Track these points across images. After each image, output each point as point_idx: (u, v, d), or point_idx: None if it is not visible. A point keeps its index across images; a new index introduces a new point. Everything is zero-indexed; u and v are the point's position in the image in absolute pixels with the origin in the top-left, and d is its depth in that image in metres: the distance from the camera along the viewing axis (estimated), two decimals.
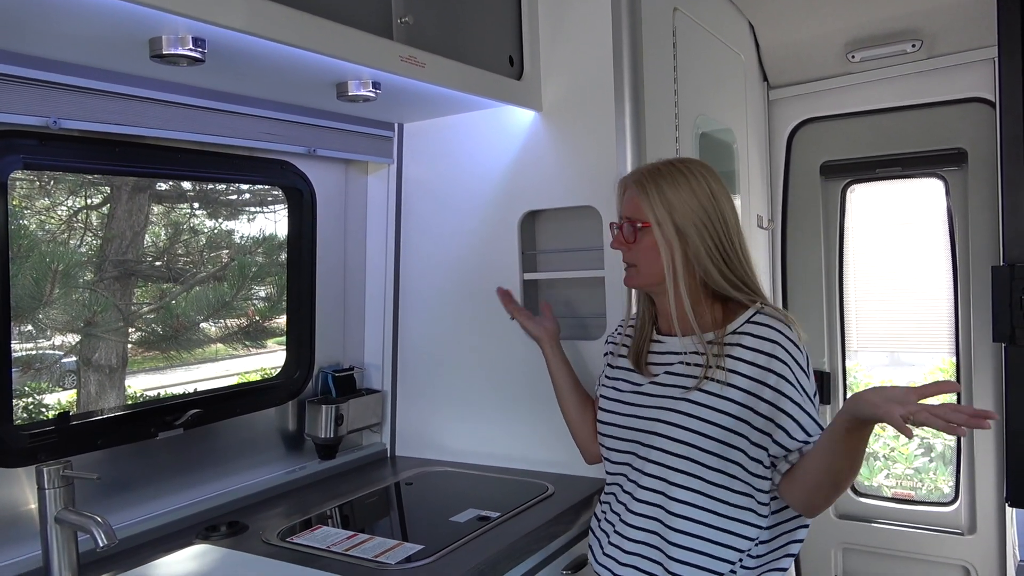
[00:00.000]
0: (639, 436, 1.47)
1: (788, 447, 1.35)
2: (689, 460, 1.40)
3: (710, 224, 1.43)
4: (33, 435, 1.54)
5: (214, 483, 1.91)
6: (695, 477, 1.40)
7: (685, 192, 1.43)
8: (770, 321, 1.41)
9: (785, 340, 1.38)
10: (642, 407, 1.48)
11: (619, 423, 1.52)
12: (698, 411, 1.39)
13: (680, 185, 1.44)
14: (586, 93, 1.99)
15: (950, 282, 2.67)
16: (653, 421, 1.45)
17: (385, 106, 1.99)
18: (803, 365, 1.38)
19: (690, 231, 1.42)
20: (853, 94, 2.77)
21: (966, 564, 2.63)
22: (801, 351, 1.39)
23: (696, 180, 1.45)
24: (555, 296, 2.18)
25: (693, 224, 1.43)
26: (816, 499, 1.33)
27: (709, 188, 1.45)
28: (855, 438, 1.20)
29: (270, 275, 2.94)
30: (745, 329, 1.41)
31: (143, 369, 2.85)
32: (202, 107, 1.72)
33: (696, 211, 1.43)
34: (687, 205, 1.43)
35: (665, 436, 1.42)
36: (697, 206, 1.43)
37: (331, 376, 2.21)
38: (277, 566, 1.52)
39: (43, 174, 2.45)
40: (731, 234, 1.45)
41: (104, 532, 1.36)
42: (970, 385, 2.60)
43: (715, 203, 1.44)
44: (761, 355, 1.37)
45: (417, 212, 2.30)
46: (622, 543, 1.47)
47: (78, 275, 2.46)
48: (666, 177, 1.45)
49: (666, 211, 1.43)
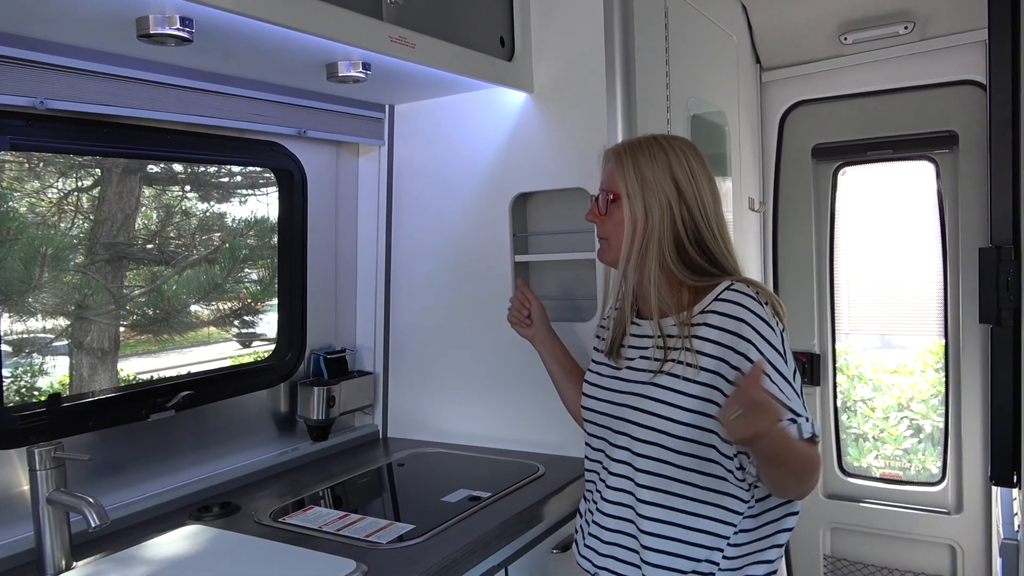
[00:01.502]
0: (609, 422, 1.44)
1: None
2: (656, 446, 1.34)
3: (683, 204, 1.37)
4: (24, 417, 1.55)
5: (206, 464, 1.92)
6: (663, 463, 1.33)
7: (660, 167, 1.38)
8: (736, 296, 1.33)
9: (750, 314, 1.30)
10: (615, 392, 1.45)
11: (595, 408, 1.49)
12: (664, 395, 1.34)
13: (657, 160, 1.39)
14: (577, 75, 1.99)
15: (940, 265, 2.69)
16: (622, 407, 1.41)
17: (375, 87, 1.98)
18: (771, 340, 1.29)
19: (655, 209, 1.37)
20: (845, 76, 2.77)
21: (952, 543, 2.67)
22: (771, 326, 1.30)
23: (676, 156, 1.40)
24: (546, 278, 2.19)
25: (662, 202, 1.37)
26: (784, 489, 1.28)
27: (688, 166, 1.39)
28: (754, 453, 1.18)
29: (262, 258, 2.93)
30: (712, 307, 1.34)
31: (136, 352, 2.84)
32: (191, 88, 1.71)
33: (668, 189, 1.37)
34: (659, 181, 1.37)
35: (630, 421, 1.38)
36: (670, 184, 1.38)
37: (323, 358, 2.22)
38: (269, 546, 1.53)
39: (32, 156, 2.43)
40: (708, 217, 1.39)
41: (96, 513, 1.37)
42: (958, 366, 2.63)
43: (693, 182, 1.39)
44: (726, 333, 1.30)
45: (408, 194, 2.29)
46: (600, 533, 1.42)
47: (68, 258, 2.45)
48: (644, 151, 1.40)
49: (638, 185, 1.38)
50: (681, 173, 1.39)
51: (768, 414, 1.11)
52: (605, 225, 1.45)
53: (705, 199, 1.39)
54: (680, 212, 1.37)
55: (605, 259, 1.49)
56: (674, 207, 1.37)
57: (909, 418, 3.01)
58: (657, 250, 1.37)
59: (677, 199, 1.37)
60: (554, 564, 1.76)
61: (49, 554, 1.44)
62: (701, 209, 1.38)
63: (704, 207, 1.39)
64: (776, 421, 1.11)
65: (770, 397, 1.14)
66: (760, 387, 1.14)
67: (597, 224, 1.48)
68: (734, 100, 2.67)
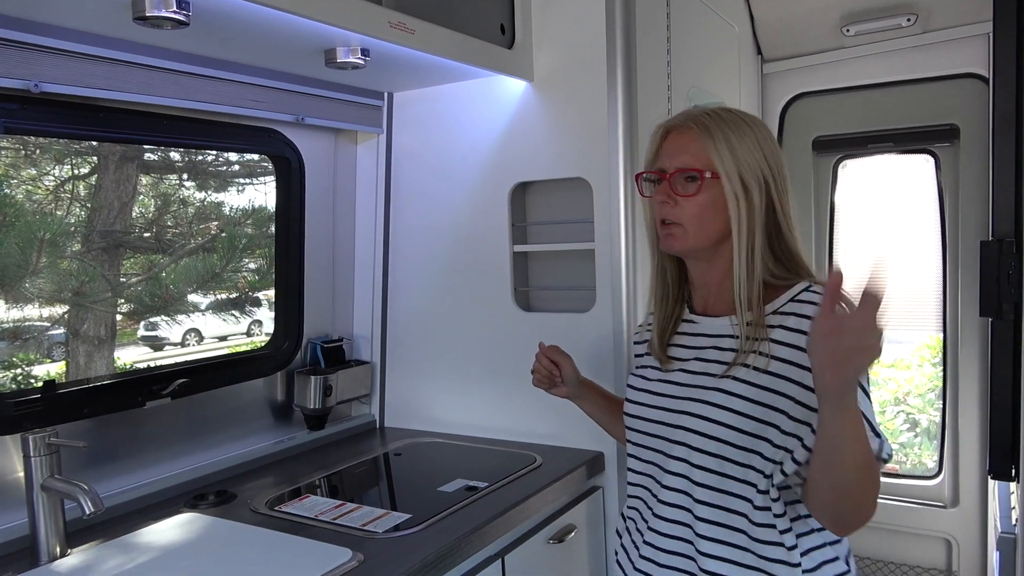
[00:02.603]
0: (665, 431, 1.28)
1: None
2: (715, 457, 1.20)
3: (773, 185, 1.24)
4: (18, 403, 1.54)
5: (202, 453, 1.91)
6: (721, 475, 1.20)
7: (751, 143, 1.23)
8: (818, 300, 1.18)
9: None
10: (670, 398, 1.30)
11: (647, 416, 1.33)
12: (729, 401, 1.20)
13: (746, 135, 1.24)
14: (578, 63, 1.97)
15: (939, 259, 2.68)
16: (680, 414, 1.26)
17: (374, 74, 1.96)
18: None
19: (755, 191, 1.22)
20: (847, 69, 2.76)
21: (948, 537, 2.67)
22: None
23: (760, 132, 1.25)
24: (545, 268, 2.18)
25: (758, 182, 1.23)
26: (834, 502, 1.11)
27: (773, 144, 1.26)
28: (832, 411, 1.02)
29: (260, 247, 2.92)
30: (789, 308, 1.21)
31: (133, 341, 2.84)
32: (187, 72, 1.70)
33: (762, 167, 1.23)
34: (753, 158, 1.23)
35: (690, 430, 1.23)
36: (762, 162, 1.23)
37: (320, 347, 2.21)
38: (265, 534, 1.52)
39: (28, 143, 2.41)
40: (788, 200, 1.26)
41: (90, 500, 1.36)
42: (956, 361, 2.62)
43: (778, 162, 1.25)
44: (804, 337, 1.15)
45: (407, 182, 2.28)
46: (655, 555, 1.28)
47: (65, 245, 2.44)
48: (730, 124, 1.24)
49: (734, 162, 1.22)
50: (769, 150, 1.25)
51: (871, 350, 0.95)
52: (682, 208, 1.25)
53: (788, 181, 1.27)
54: (769, 194, 1.24)
55: (675, 246, 1.28)
56: (763, 189, 1.23)
57: (905, 412, 3.02)
58: (752, 238, 1.23)
59: (768, 179, 1.24)
60: (550, 555, 1.76)
61: (44, 541, 1.43)
62: (783, 192, 1.25)
63: (786, 190, 1.26)
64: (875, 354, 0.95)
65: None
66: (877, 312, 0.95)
67: (667, 208, 1.27)
68: (735, 91, 2.66)
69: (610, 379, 1.94)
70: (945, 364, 2.69)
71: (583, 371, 2.00)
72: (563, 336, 2.00)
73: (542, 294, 2.19)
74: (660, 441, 1.30)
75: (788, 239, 1.25)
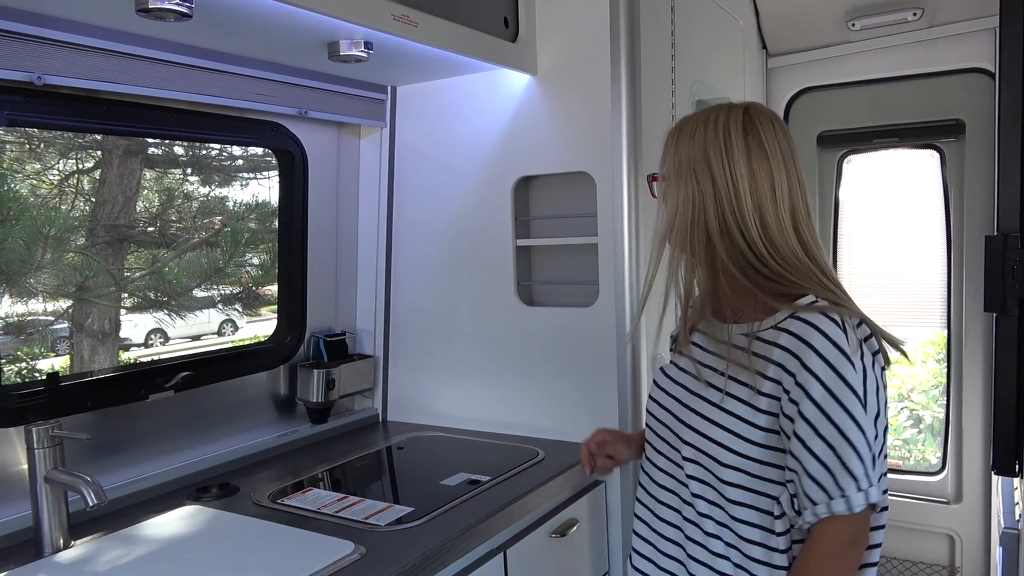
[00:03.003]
0: (674, 429, 1.27)
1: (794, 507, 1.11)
2: (706, 469, 1.19)
3: (713, 187, 1.16)
4: (22, 395, 1.54)
5: (205, 446, 1.92)
6: (719, 496, 1.18)
7: (697, 140, 1.18)
8: (815, 318, 1.10)
9: (824, 341, 1.08)
10: (674, 399, 1.29)
11: (655, 412, 1.33)
12: (728, 421, 1.16)
13: (695, 135, 1.18)
14: (582, 57, 1.97)
15: (944, 255, 2.67)
16: (690, 413, 1.24)
17: (377, 67, 1.96)
18: (846, 377, 1.06)
19: (683, 192, 1.18)
20: (852, 63, 2.74)
21: (951, 532, 2.67)
22: (850, 360, 1.07)
23: (715, 130, 1.17)
24: (548, 262, 2.17)
25: (688, 185, 1.18)
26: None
27: (725, 141, 1.16)
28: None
29: (263, 242, 2.92)
30: (786, 324, 1.13)
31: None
32: (190, 65, 1.70)
33: (698, 169, 1.17)
34: (692, 160, 1.18)
35: (698, 433, 1.21)
36: (703, 162, 1.17)
37: (323, 341, 2.21)
38: (268, 527, 1.52)
39: (33, 137, 2.42)
40: (743, 205, 1.15)
41: (94, 492, 1.37)
42: (960, 357, 2.62)
43: (726, 160, 1.16)
44: (790, 357, 1.10)
45: (410, 176, 2.28)
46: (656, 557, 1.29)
47: (69, 239, 2.44)
48: (690, 125, 1.21)
49: (675, 165, 1.20)
50: (712, 143, 1.17)
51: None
52: (662, 209, 1.27)
53: (739, 182, 1.15)
54: (714, 196, 1.16)
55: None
56: (708, 190, 1.16)
57: (909, 408, 3.01)
58: (695, 240, 1.18)
59: (710, 181, 1.16)
60: (552, 549, 1.76)
61: (47, 532, 1.44)
62: (734, 192, 1.15)
63: (736, 191, 1.15)
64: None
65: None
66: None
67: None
68: (740, 86, 2.65)
69: (612, 374, 1.94)
70: (949, 360, 2.68)
71: (585, 369, 2.00)
72: (566, 331, 2.00)
73: (545, 289, 2.18)
74: (671, 437, 1.28)
75: (743, 248, 1.15)
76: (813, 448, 1.07)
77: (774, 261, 1.15)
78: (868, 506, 1.07)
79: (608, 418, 1.95)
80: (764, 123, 1.19)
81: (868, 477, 1.06)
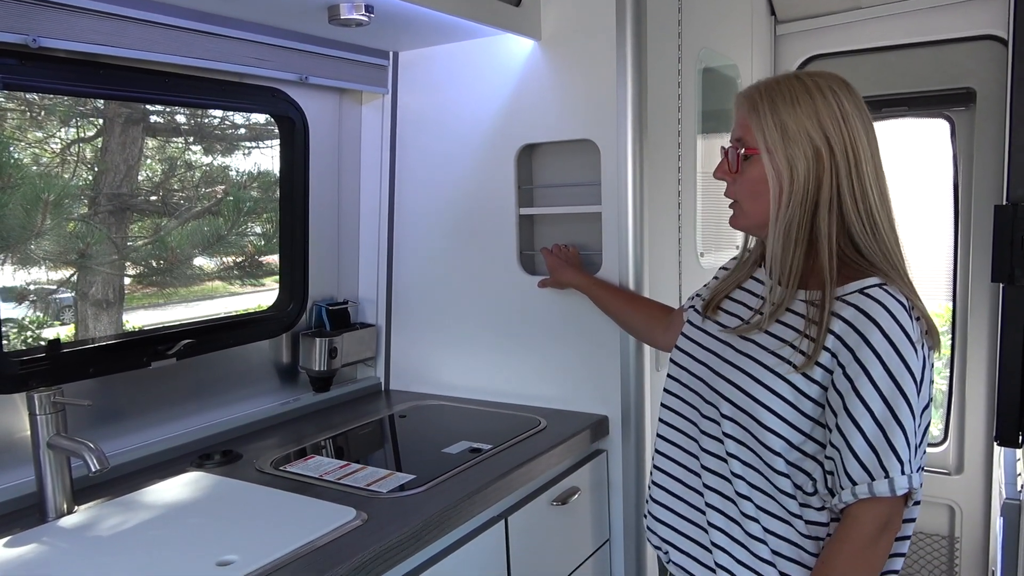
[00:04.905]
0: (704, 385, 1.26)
1: (833, 486, 1.11)
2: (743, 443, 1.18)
3: (834, 156, 1.13)
4: (24, 362, 1.54)
5: (208, 413, 1.93)
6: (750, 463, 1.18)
7: (806, 111, 1.13)
8: (883, 297, 1.09)
9: (890, 321, 1.06)
10: (712, 354, 1.26)
11: (686, 365, 1.31)
12: (773, 382, 1.15)
13: (801, 103, 1.14)
14: (587, 22, 1.93)
15: (951, 225, 2.65)
16: (717, 377, 1.23)
17: (379, 32, 1.93)
18: (907, 359, 1.06)
19: (801, 165, 1.13)
20: (862, 30, 2.69)
21: (952, 503, 2.68)
22: (913, 344, 1.07)
23: (823, 97, 1.13)
24: (551, 232, 2.16)
25: (806, 155, 1.13)
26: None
27: (839, 108, 1.13)
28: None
29: (266, 211, 2.91)
30: (852, 299, 1.11)
31: (141, 305, 2.84)
32: (189, 29, 1.67)
33: (815, 138, 1.13)
34: (805, 129, 1.13)
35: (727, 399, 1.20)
36: (816, 131, 1.13)
37: (325, 309, 2.21)
38: (270, 493, 1.53)
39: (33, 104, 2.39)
40: (864, 174, 1.13)
41: (96, 457, 1.37)
42: (965, 328, 2.60)
43: (844, 128, 1.13)
44: (852, 332, 1.08)
45: (412, 144, 2.25)
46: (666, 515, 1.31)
47: (70, 207, 2.43)
48: (784, 92, 1.15)
49: (779, 135, 1.14)
50: (829, 117, 1.13)
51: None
52: (736, 185, 1.22)
53: (860, 150, 1.14)
54: (827, 168, 1.13)
55: (737, 225, 1.27)
56: (819, 162, 1.13)
57: None
58: (803, 215, 1.14)
59: (823, 151, 1.13)
60: (554, 517, 1.77)
61: (50, 498, 1.45)
62: (852, 163, 1.13)
63: (859, 160, 1.13)
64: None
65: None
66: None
67: (728, 185, 1.25)
68: (747, 53, 2.61)
69: (615, 344, 1.93)
70: (954, 331, 2.67)
71: (588, 338, 2.00)
72: (568, 300, 2.00)
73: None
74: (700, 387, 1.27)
75: (870, 211, 1.14)
76: (863, 426, 1.06)
77: (879, 236, 1.15)
78: (906, 492, 1.08)
79: (610, 387, 1.95)
80: (854, 92, 1.17)
81: (911, 463, 1.07)
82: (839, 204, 1.14)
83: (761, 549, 1.17)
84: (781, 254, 1.16)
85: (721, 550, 1.20)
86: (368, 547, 1.27)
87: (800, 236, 1.15)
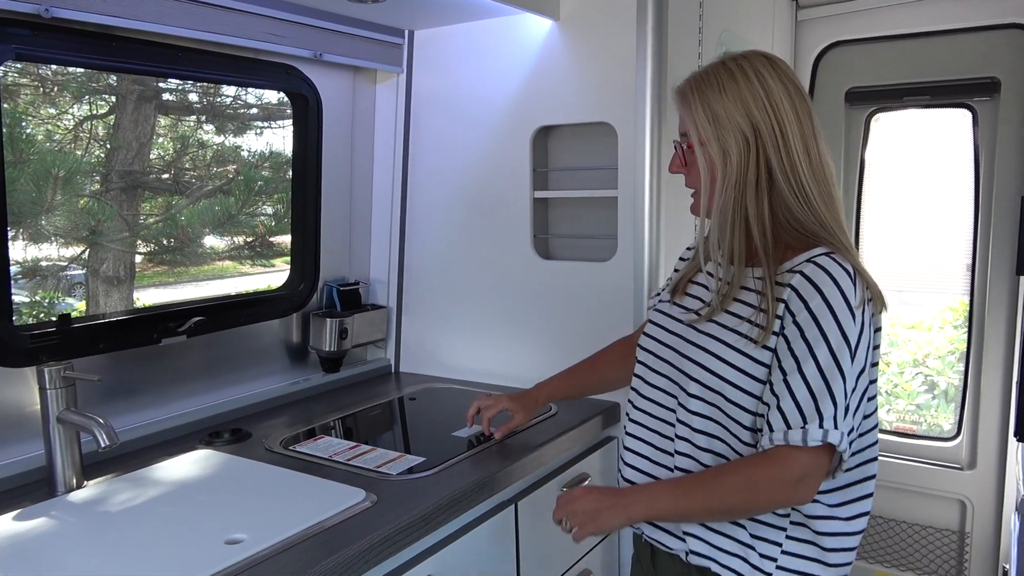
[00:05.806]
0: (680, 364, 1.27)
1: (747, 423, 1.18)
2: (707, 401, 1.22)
3: (759, 138, 1.16)
4: (34, 336, 1.53)
5: (218, 391, 1.92)
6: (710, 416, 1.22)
7: (732, 98, 1.16)
8: (828, 264, 1.13)
9: (832, 287, 1.11)
10: (678, 337, 1.29)
11: (653, 350, 1.34)
12: (721, 350, 1.19)
13: (727, 90, 1.17)
14: (606, 2, 1.90)
15: (971, 217, 2.61)
16: (678, 355, 1.27)
17: (395, 10, 1.90)
18: (842, 324, 1.10)
19: (732, 149, 1.17)
20: (884, 17, 2.64)
21: (963, 498, 2.65)
22: (851, 310, 1.11)
23: (747, 81, 1.17)
24: (566, 215, 2.13)
25: (737, 140, 1.16)
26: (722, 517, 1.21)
27: (763, 88, 1.16)
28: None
29: (277, 191, 2.90)
30: (801, 267, 1.15)
31: (152, 283, 2.84)
32: (203, 2, 1.65)
33: (743, 122, 1.16)
34: (733, 116, 1.16)
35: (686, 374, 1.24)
36: (744, 117, 1.16)
37: (336, 290, 2.20)
38: (279, 473, 1.52)
39: (47, 81, 2.38)
40: (790, 150, 1.16)
41: (105, 433, 1.37)
42: (983, 323, 2.57)
43: (769, 108, 1.16)
44: (796, 298, 1.13)
45: (426, 124, 2.23)
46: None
47: (82, 183, 2.42)
48: (712, 81, 1.19)
49: (711, 126, 1.18)
50: (761, 103, 1.16)
51: (594, 519, 1.22)
52: (691, 176, 1.27)
53: (787, 127, 1.16)
54: (759, 148, 1.17)
55: (694, 212, 1.29)
56: (752, 143, 1.17)
57: (924, 374, 2.97)
58: (738, 197, 1.18)
59: (760, 133, 1.16)
60: None
61: (60, 472, 1.44)
62: (782, 140, 1.16)
63: (786, 136, 1.16)
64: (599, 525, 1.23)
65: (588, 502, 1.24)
66: (575, 498, 1.24)
67: (685, 175, 1.30)
68: (768, 38, 2.56)
69: (628, 330, 1.91)
70: (971, 325, 2.64)
71: (602, 321, 1.97)
72: (582, 285, 1.97)
73: (562, 242, 2.15)
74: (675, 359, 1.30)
75: (787, 198, 1.17)
76: (791, 384, 1.12)
77: (812, 207, 1.17)
78: (824, 448, 1.11)
79: None
80: (786, 66, 1.21)
81: (835, 420, 1.10)
82: (770, 182, 1.18)
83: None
84: (718, 236, 1.22)
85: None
86: (377, 529, 1.26)
87: (736, 218, 1.20)
